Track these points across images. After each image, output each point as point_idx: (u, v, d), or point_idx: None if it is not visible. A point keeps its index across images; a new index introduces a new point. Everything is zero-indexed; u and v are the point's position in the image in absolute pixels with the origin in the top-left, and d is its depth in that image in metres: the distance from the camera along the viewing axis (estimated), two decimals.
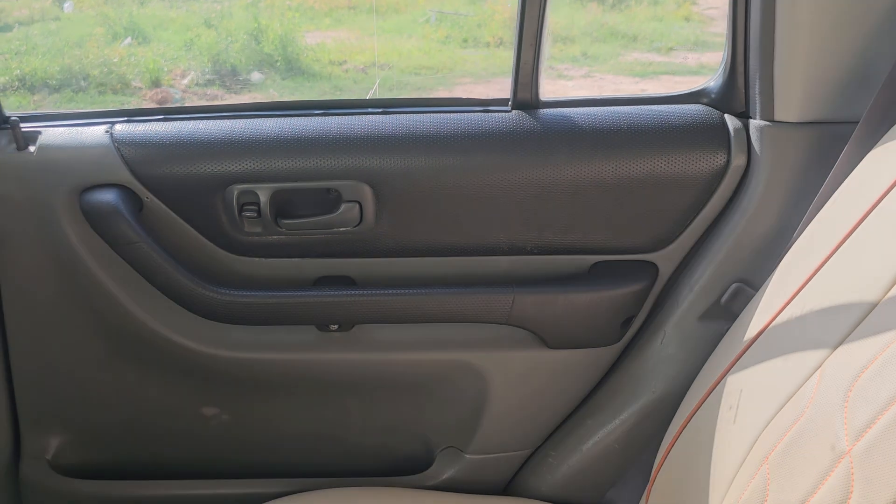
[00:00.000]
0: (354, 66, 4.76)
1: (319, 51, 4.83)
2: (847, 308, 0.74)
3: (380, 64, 4.76)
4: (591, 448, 1.05)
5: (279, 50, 4.75)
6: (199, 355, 1.03)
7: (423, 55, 4.85)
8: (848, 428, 0.66)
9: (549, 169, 0.97)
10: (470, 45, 5.01)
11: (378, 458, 1.11)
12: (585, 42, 5.67)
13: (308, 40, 5.03)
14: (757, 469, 0.74)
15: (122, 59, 4.86)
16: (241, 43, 4.67)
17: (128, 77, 4.63)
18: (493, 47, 5.18)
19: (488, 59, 4.98)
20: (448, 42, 5.20)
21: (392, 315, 1.00)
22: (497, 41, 5.24)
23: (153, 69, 4.74)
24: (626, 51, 5.06)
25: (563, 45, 5.14)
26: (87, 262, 0.98)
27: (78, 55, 4.79)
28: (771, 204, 0.95)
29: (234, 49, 5.17)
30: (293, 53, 4.84)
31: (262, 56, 5.13)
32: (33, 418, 1.09)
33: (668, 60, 5.26)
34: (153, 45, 4.97)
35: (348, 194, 0.97)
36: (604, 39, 5.53)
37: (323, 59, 4.83)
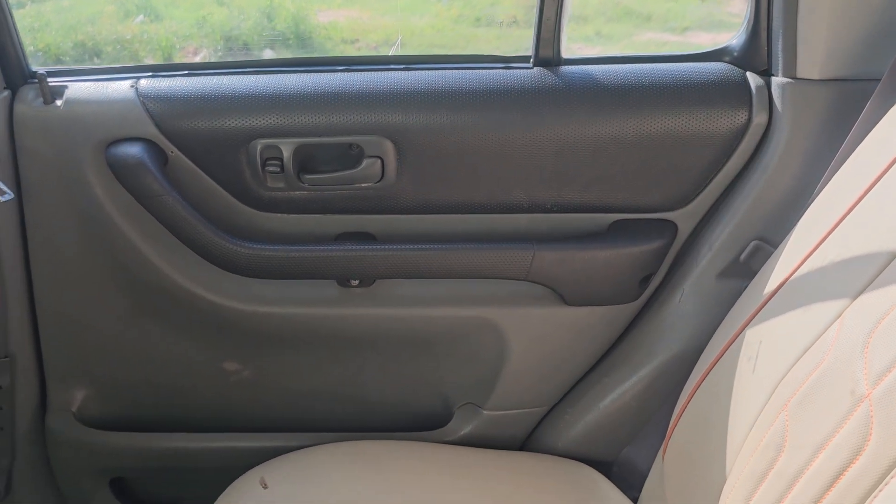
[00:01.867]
0: (367, 45, 4.74)
1: (332, 29, 4.80)
2: (867, 259, 0.74)
3: (393, 42, 4.74)
4: (608, 405, 1.06)
5: (291, 28, 4.73)
6: (221, 309, 1.04)
7: (436, 33, 4.82)
8: (868, 372, 0.67)
9: (570, 126, 0.97)
10: (483, 23, 4.98)
11: (397, 414, 1.13)
12: (599, 21, 5.64)
13: (321, 18, 5.01)
14: (776, 416, 0.75)
15: (134, 36, 4.84)
16: (253, 20, 4.66)
17: (140, 54, 4.62)
18: (506, 26, 5.14)
19: (501, 37, 4.94)
20: (461, 21, 5.18)
21: (412, 270, 1.01)
22: (510, 20, 5.20)
23: (165, 46, 4.73)
24: (640, 30, 5.02)
25: (576, 24, 5.09)
26: (112, 216, 1.00)
27: (91, 32, 4.77)
28: (792, 161, 0.95)
29: (246, 27, 5.17)
30: (305, 31, 4.81)
31: (274, 34, 5.15)
32: (59, 372, 1.11)
33: (683, 40, 5.21)
34: (165, 22, 4.95)
35: (370, 150, 0.98)
36: (618, 19, 5.49)
37: (335, 38, 4.80)
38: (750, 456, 0.76)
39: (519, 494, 0.98)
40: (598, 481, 1.02)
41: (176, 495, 1.20)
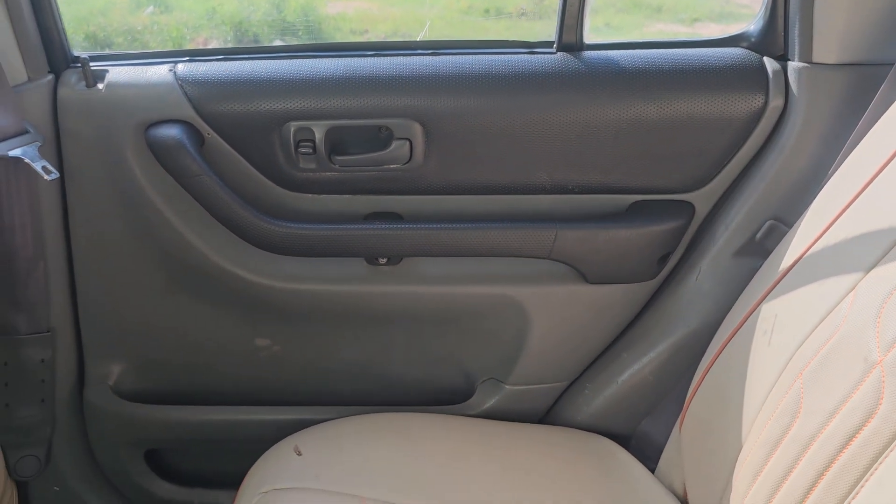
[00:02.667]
0: (376, 36, 4.77)
1: (340, 20, 4.83)
2: (880, 233, 0.78)
3: (402, 33, 4.77)
4: (627, 380, 1.10)
5: (301, 19, 4.77)
6: (254, 286, 1.08)
7: (446, 25, 4.84)
8: (880, 340, 0.70)
9: (592, 110, 1.01)
10: (492, 15, 5.00)
11: (422, 388, 1.17)
12: (609, 13, 5.63)
13: (329, 9, 5.04)
14: (791, 384, 0.78)
15: (145, 27, 4.89)
16: (262, 11, 4.70)
17: (151, 45, 4.68)
18: (516, 17, 5.15)
19: (510, 29, 4.96)
20: (470, 12, 5.19)
21: (438, 248, 1.05)
22: (519, 11, 5.21)
23: (176, 37, 4.78)
24: (650, 21, 5.03)
25: None
26: (151, 196, 1.04)
27: (102, 23, 4.82)
28: (807, 144, 0.98)
29: (256, 17, 5.20)
30: (315, 22, 4.85)
31: (283, 25, 5.18)
32: (97, 347, 1.15)
33: (693, 31, 5.22)
34: (175, 13, 5.00)
35: (399, 132, 1.01)
36: (628, 10, 5.50)
37: (344, 29, 4.83)
38: (765, 424, 0.80)
39: (540, 465, 1.02)
40: (617, 453, 1.06)
41: (208, 467, 1.24)
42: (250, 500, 0.90)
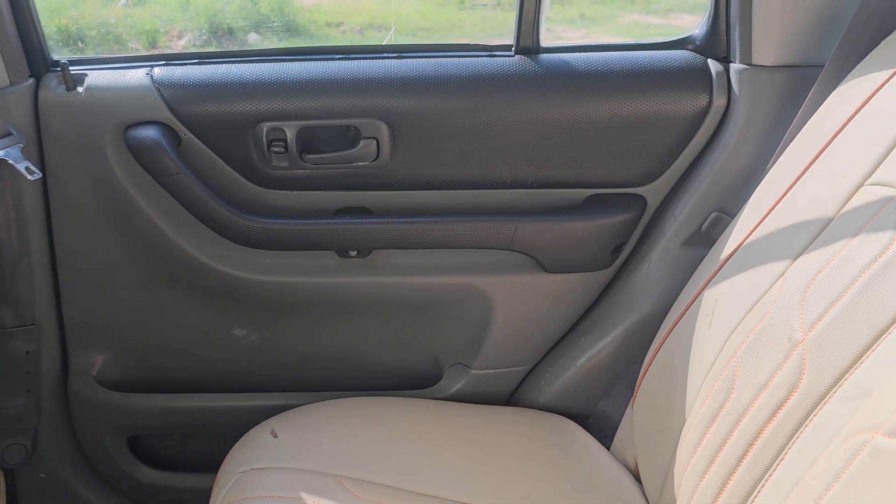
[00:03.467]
0: (352, 28, 4.78)
1: (316, 12, 4.84)
2: (808, 224, 0.85)
3: (377, 26, 4.78)
4: (585, 363, 1.17)
5: (276, 11, 4.77)
6: (230, 279, 1.13)
7: (421, 17, 4.86)
8: (803, 321, 0.78)
9: (548, 109, 1.07)
10: (468, 6, 5.01)
11: (392, 374, 1.23)
12: (583, 4, 5.68)
13: (305, 1, 5.04)
14: (727, 364, 0.85)
15: (118, 19, 4.87)
16: (237, 4, 4.68)
17: (124, 38, 4.65)
18: (492, 9, 5.19)
19: (486, 20, 4.99)
20: (446, 4, 5.21)
21: (406, 241, 1.11)
22: (495, 2, 5.25)
23: (150, 30, 4.76)
24: (623, 12, 5.07)
25: (560, 6, 5.15)
26: (130, 194, 1.09)
27: (74, 16, 4.80)
28: (748, 141, 1.05)
29: (231, 10, 5.18)
30: (290, 15, 4.85)
31: (259, 17, 5.16)
32: (80, 338, 1.20)
33: (666, 22, 5.28)
34: (149, 6, 4.97)
35: (366, 131, 1.07)
36: (602, 1, 5.54)
37: (319, 21, 4.83)
38: (704, 400, 0.87)
39: (504, 444, 1.09)
40: (576, 432, 1.13)
41: (188, 452, 1.30)
42: (229, 480, 0.95)
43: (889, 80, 0.85)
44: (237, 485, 0.94)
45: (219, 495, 0.94)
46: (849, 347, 0.71)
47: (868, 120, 0.85)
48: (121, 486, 1.28)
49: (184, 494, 1.27)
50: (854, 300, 0.73)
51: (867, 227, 0.77)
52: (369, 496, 0.93)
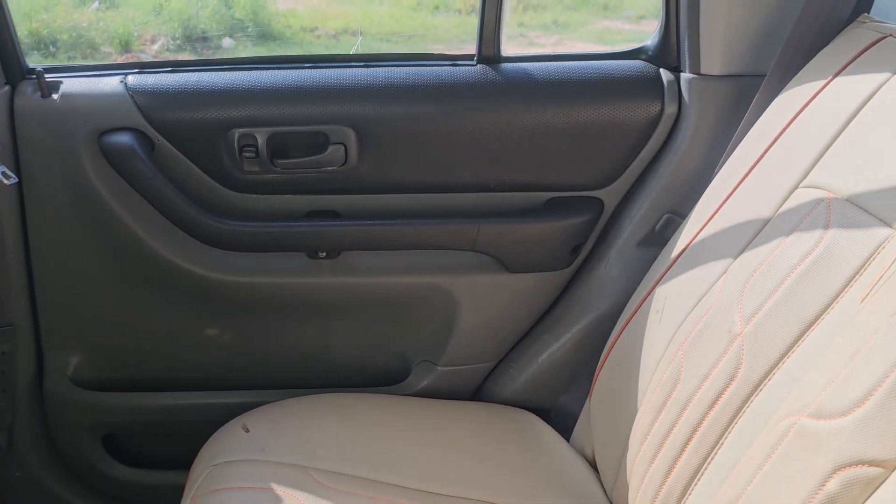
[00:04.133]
0: (326, 33, 4.78)
1: (291, 17, 4.84)
2: (748, 224, 0.91)
3: (351, 30, 4.80)
4: (546, 359, 1.21)
5: (250, 16, 4.76)
6: (203, 280, 1.17)
7: (395, 22, 4.89)
8: (741, 315, 0.83)
9: (509, 116, 1.12)
10: (441, 11, 5.05)
11: (361, 372, 1.27)
12: (557, 10, 5.75)
13: (279, 6, 5.04)
14: (674, 355, 0.91)
15: (90, 23, 4.82)
16: (211, 8, 4.67)
17: (97, 42, 4.62)
18: (465, 14, 5.22)
19: (459, 26, 5.03)
20: (419, 9, 5.24)
21: (373, 243, 1.15)
22: (468, 8, 5.28)
23: (123, 34, 4.72)
24: (596, 19, 5.13)
25: (534, 12, 5.21)
26: (105, 197, 1.12)
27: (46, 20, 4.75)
28: (697, 146, 1.11)
29: (205, 14, 5.17)
30: (264, 19, 4.85)
31: (233, 22, 5.15)
32: (55, 339, 1.22)
33: (637, 28, 5.36)
34: (122, 9, 4.93)
35: (335, 137, 1.11)
36: (575, 7, 5.60)
37: (294, 26, 4.84)
38: (654, 390, 0.92)
39: (469, 437, 1.13)
40: (537, 425, 1.17)
41: (161, 450, 1.32)
42: (202, 472, 0.99)
43: (823, 89, 0.91)
44: (209, 477, 0.97)
45: (191, 488, 0.98)
46: (781, 339, 0.77)
47: (803, 126, 0.91)
48: (95, 483, 1.31)
49: (157, 491, 1.30)
50: (786, 295, 0.79)
51: (799, 226, 0.82)
52: (337, 486, 0.97)
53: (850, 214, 0.77)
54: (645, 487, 0.89)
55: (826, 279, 0.75)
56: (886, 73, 0.83)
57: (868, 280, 0.72)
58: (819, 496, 0.64)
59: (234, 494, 0.94)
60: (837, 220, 0.78)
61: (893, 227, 0.72)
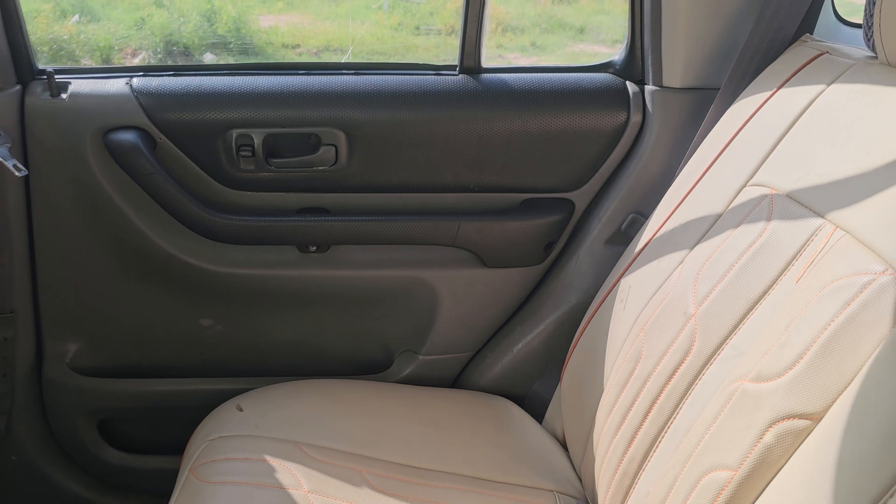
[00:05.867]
0: (308, 50, 4.86)
1: (272, 34, 4.91)
2: (702, 220, 1.01)
3: (333, 48, 4.88)
4: (521, 349, 1.30)
5: (232, 32, 4.82)
6: (200, 271, 1.24)
7: (376, 41, 4.98)
8: (695, 298, 0.93)
9: (487, 122, 1.21)
10: (422, 32, 5.16)
11: (347, 361, 1.34)
12: (534, 33, 5.88)
13: (262, 23, 5.12)
14: (636, 337, 1.00)
15: (71, 36, 4.85)
16: (193, 24, 4.73)
17: (78, 54, 4.65)
18: (445, 35, 5.34)
19: (440, 46, 5.14)
20: (400, 29, 5.35)
21: (360, 237, 1.23)
22: (449, 29, 5.39)
23: (104, 47, 4.75)
24: (573, 42, 5.27)
25: (512, 34, 5.34)
26: (108, 192, 1.19)
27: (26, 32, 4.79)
28: (659, 152, 1.21)
29: (187, 30, 5.20)
30: (246, 35, 4.91)
31: (215, 37, 5.19)
32: (55, 327, 1.28)
33: (611, 51, 5.51)
34: (103, 22, 4.97)
35: (326, 139, 1.20)
36: (552, 30, 5.75)
37: (276, 42, 4.91)
38: (618, 369, 1.02)
39: (449, 421, 1.21)
40: (513, 409, 1.26)
41: (154, 436, 1.38)
42: (199, 446, 1.06)
43: (768, 100, 1.01)
44: (207, 450, 1.04)
45: (189, 460, 1.04)
46: (729, 318, 0.87)
47: (751, 133, 1.01)
48: (90, 468, 1.36)
49: (150, 476, 1.36)
50: (734, 279, 0.88)
51: (746, 220, 0.92)
52: (325, 458, 1.04)
53: (789, 208, 0.87)
54: (609, 457, 0.98)
55: (768, 264, 0.85)
56: (822, 85, 0.94)
57: (803, 263, 0.82)
58: (758, 448, 0.73)
59: (231, 464, 1.01)
60: (778, 213, 0.88)
61: (825, 218, 0.82)
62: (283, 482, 0.99)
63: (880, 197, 0.76)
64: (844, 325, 0.70)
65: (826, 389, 0.69)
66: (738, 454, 0.75)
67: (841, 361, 0.69)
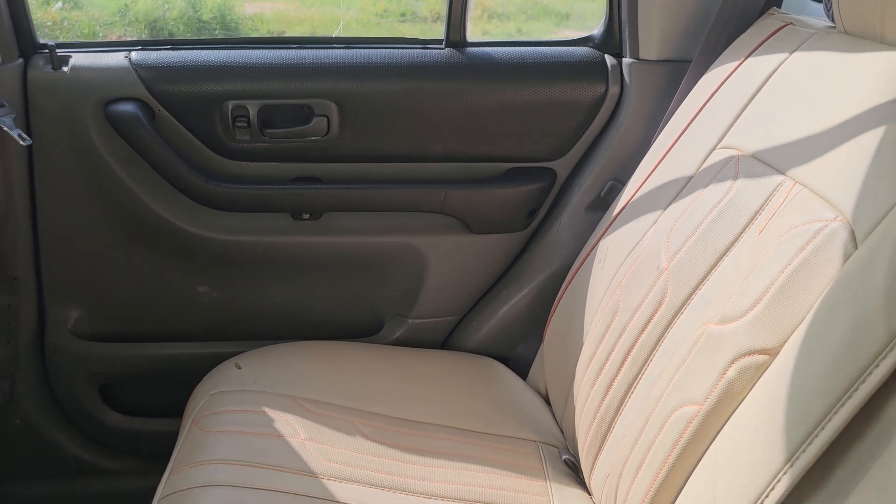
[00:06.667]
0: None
1: (258, 20, 4.91)
2: (675, 181, 1.07)
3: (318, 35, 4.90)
4: (506, 312, 1.36)
5: (218, 19, 4.82)
6: (197, 238, 1.29)
7: (362, 28, 5.00)
8: (668, 254, 0.99)
9: (473, 94, 1.27)
10: (408, 19, 5.17)
11: (339, 325, 1.40)
12: (520, 19, 5.88)
13: (247, 9, 5.11)
14: (613, 293, 1.06)
15: (55, 23, 4.85)
16: (178, 10, 4.72)
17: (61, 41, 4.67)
18: (431, 22, 5.35)
19: (425, 33, 5.15)
20: (386, 16, 5.36)
21: (352, 205, 1.29)
22: (434, 16, 5.42)
23: (88, 34, 4.76)
24: (558, 28, 5.30)
25: (498, 21, 5.36)
26: (109, 162, 1.23)
27: None
28: (637, 122, 1.27)
29: (172, 16, 5.18)
30: (232, 22, 4.91)
31: (200, 24, 5.18)
32: (57, 293, 1.33)
33: None
34: (86, 10, 4.96)
35: (319, 110, 1.25)
36: (538, 17, 5.76)
37: (261, 29, 4.91)
38: (597, 324, 1.08)
39: (437, 377, 1.27)
40: (499, 368, 1.32)
41: (155, 399, 1.43)
42: (201, 400, 1.11)
43: (736, 69, 1.08)
44: (208, 403, 1.10)
45: (191, 413, 1.10)
46: (699, 270, 0.93)
47: (721, 100, 1.07)
48: (90, 431, 1.41)
49: (150, 438, 1.41)
50: (703, 234, 0.95)
51: (714, 179, 0.99)
52: (321, 411, 1.10)
53: (754, 167, 0.94)
54: (588, 407, 1.05)
55: (734, 219, 0.92)
56: (785, 53, 1.00)
57: (766, 216, 0.88)
58: (721, 383, 0.79)
59: (232, 416, 1.07)
60: (744, 172, 0.95)
61: (785, 174, 0.88)
62: (282, 431, 1.04)
63: (834, 153, 0.83)
64: (799, 267, 0.77)
65: (782, 326, 0.76)
66: (703, 389, 0.81)
67: (795, 300, 0.75)
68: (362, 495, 0.97)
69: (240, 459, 0.98)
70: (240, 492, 0.94)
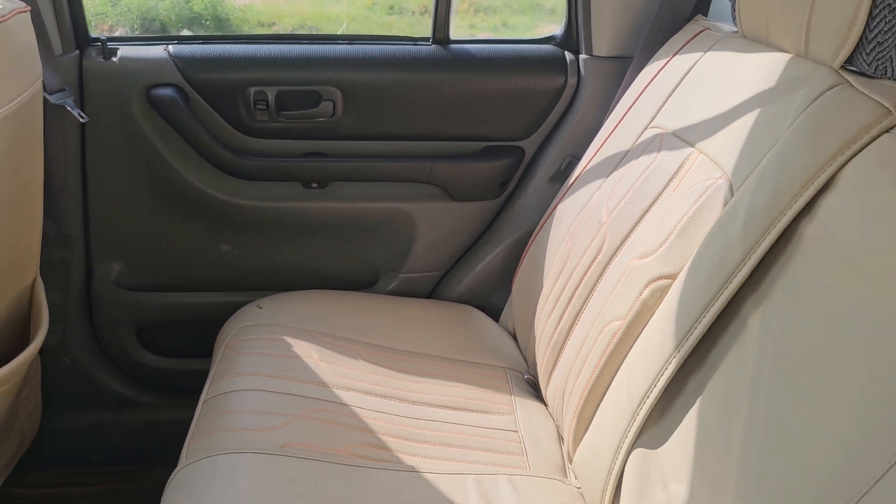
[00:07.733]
0: (283, 29, 5.06)
1: (248, 12, 5.07)
2: (616, 155, 1.33)
3: (308, 27, 5.09)
4: (483, 266, 1.61)
5: (209, 9, 4.99)
6: (223, 203, 1.53)
7: (351, 20, 5.19)
8: (607, 210, 1.25)
9: (455, 84, 1.52)
10: (396, 12, 5.36)
11: (341, 278, 1.64)
12: (506, 13, 6.09)
13: (237, 1, 5.29)
14: (565, 245, 1.32)
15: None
16: (169, 1, 4.91)
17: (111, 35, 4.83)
18: (419, 15, 5.53)
19: (414, 25, 5.35)
20: (374, 8, 5.54)
21: (353, 175, 1.54)
22: (422, 9, 5.59)
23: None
24: (543, 23, 5.49)
25: (485, 14, 5.54)
26: (150, 138, 1.47)
27: None
28: (591, 108, 1.53)
29: (164, 6, 5.34)
30: (223, 13, 5.08)
31: (191, 15, 5.35)
32: (103, 250, 1.56)
33: None
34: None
35: (326, 95, 1.49)
36: (523, 11, 5.97)
37: (252, 21, 5.08)
38: (552, 270, 1.34)
39: (425, 319, 1.52)
40: (475, 313, 1.57)
41: (185, 341, 1.66)
42: (230, 331, 1.36)
43: (665, 65, 1.33)
44: (237, 333, 1.35)
45: (223, 341, 1.35)
46: (629, 222, 1.19)
47: (653, 90, 1.33)
48: (129, 369, 1.65)
49: (181, 376, 1.65)
50: (633, 194, 1.21)
51: (644, 152, 1.25)
52: (331, 341, 1.36)
53: (673, 142, 1.19)
54: (544, 335, 1.31)
55: (656, 182, 1.17)
56: (700, 53, 1.26)
57: (679, 179, 1.14)
58: (637, 302, 1.05)
59: (258, 342, 1.32)
60: (665, 146, 1.21)
61: (694, 147, 1.14)
62: (299, 353, 1.30)
63: (727, 130, 1.08)
64: (695, 214, 1.03)
65: (681, 257, 1.02)
66: (625, 308, 1.07)
67: (691, 238, 1.01)
68: (361, 400, 1.23)
69: (267, 372, 1.24)
70: (267, 395, 1.19)
